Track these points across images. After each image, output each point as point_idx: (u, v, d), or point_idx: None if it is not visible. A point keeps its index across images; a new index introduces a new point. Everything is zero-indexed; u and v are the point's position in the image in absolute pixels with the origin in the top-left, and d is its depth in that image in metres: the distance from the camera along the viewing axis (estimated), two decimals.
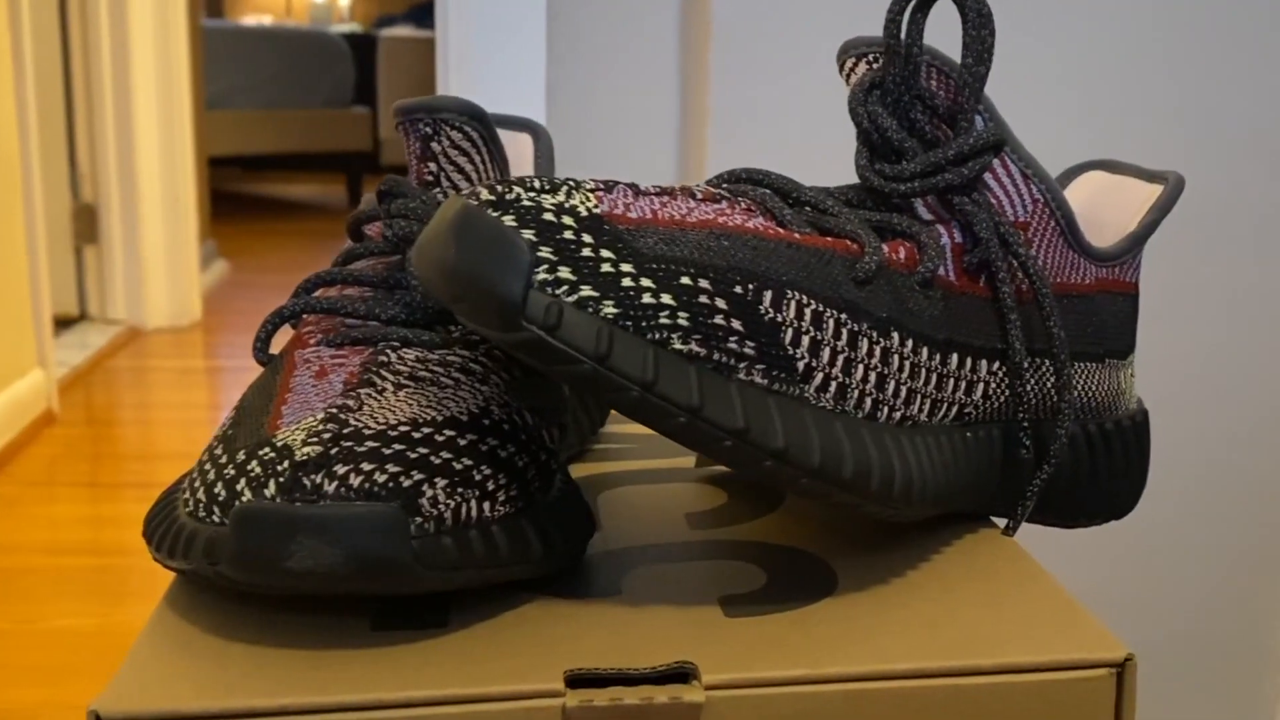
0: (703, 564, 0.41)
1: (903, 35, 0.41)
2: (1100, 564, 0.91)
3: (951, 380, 0.40)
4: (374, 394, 0.38)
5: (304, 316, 0.44)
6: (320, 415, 0.36)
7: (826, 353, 0.36)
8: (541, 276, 0.32)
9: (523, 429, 0.39)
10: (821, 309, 0.36)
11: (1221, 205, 0.87)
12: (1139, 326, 0.86)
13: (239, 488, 0.35)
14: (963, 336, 0.40)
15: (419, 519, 0.34)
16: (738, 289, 0.35)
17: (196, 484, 0.37)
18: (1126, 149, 0.85)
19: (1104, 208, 0.50)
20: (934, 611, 0.36)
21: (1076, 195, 0.52)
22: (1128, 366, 0.48)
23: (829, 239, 0.38)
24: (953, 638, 0.35)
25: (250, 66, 4.68)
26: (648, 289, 0.33)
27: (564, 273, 0.33)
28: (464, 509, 0.35)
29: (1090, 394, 0.45)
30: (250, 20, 6.20)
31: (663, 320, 0.33)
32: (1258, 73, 0.85)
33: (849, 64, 0.43)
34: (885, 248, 0.39)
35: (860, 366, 0.37)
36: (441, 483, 0.35)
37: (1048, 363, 0.43)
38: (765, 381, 0.35)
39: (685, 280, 0.34)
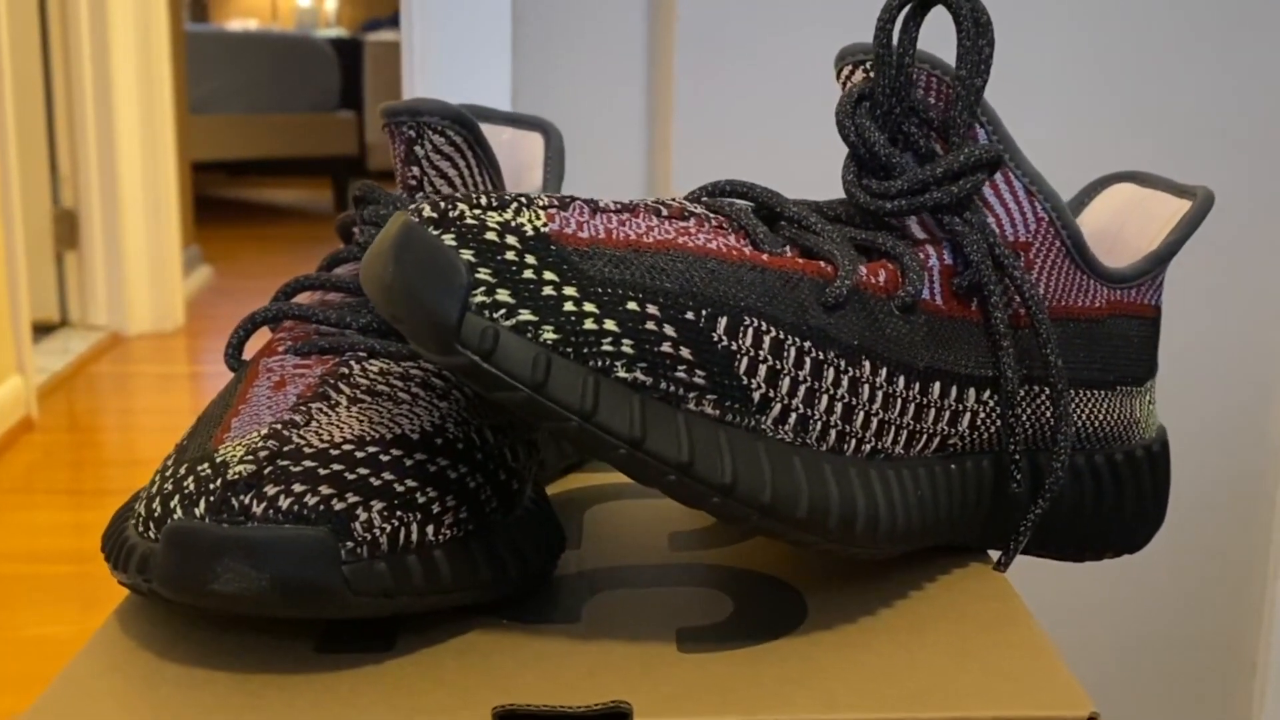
0: (672, 590, 0.40)
1: (894, 43, 0.39)
2: (1078, 565, 0.91)
3: (932, 410, 0.38)
4: (325, 409, 0.37)
5: (283, 321, 0.43)
6: (264, 431, 0.35)
7: (786, 383, 0.34)
8: (479, 299, 0.31)
9: (479, 448, 0.38)
10: (782, 336, 0.34)
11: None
12: None
13: (172, 504, 0.34)
14: (947, 364, 0.38)
15: (350, 543, 0.33)
16: (689, 315, 0.33)
17: (143, 497, 0.36)
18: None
19: (1128, 224, 0.47)
20: (896, 655, 0.35)
21: (1101, 209, 0.49)
22: (1144, 394, 0.45)
23: (800, 261, 0.36)
24: (909, 686, 0.33)
25: (236, 71, 4.67)
26: (590, 314, 0.32)
27: (502, 295, 0.32)
28: (402, 533, 0.34)
29: (1098, 423, 0.43)
30: (236, 25, 6.19)
31: (605, 347, 0.32)
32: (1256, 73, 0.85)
33: (845, 71, 0.41)
34: (864, 270, 0.37)
35: (825, 397, 0.35)
36: (378, 506, 0.34)
37: (1045, 391, 0.40)
38: (717, 413, 0.33)
39: (631, 306, 0.33)
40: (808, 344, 0.35)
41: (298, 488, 0.33)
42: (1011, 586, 0.40)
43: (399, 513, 0.34)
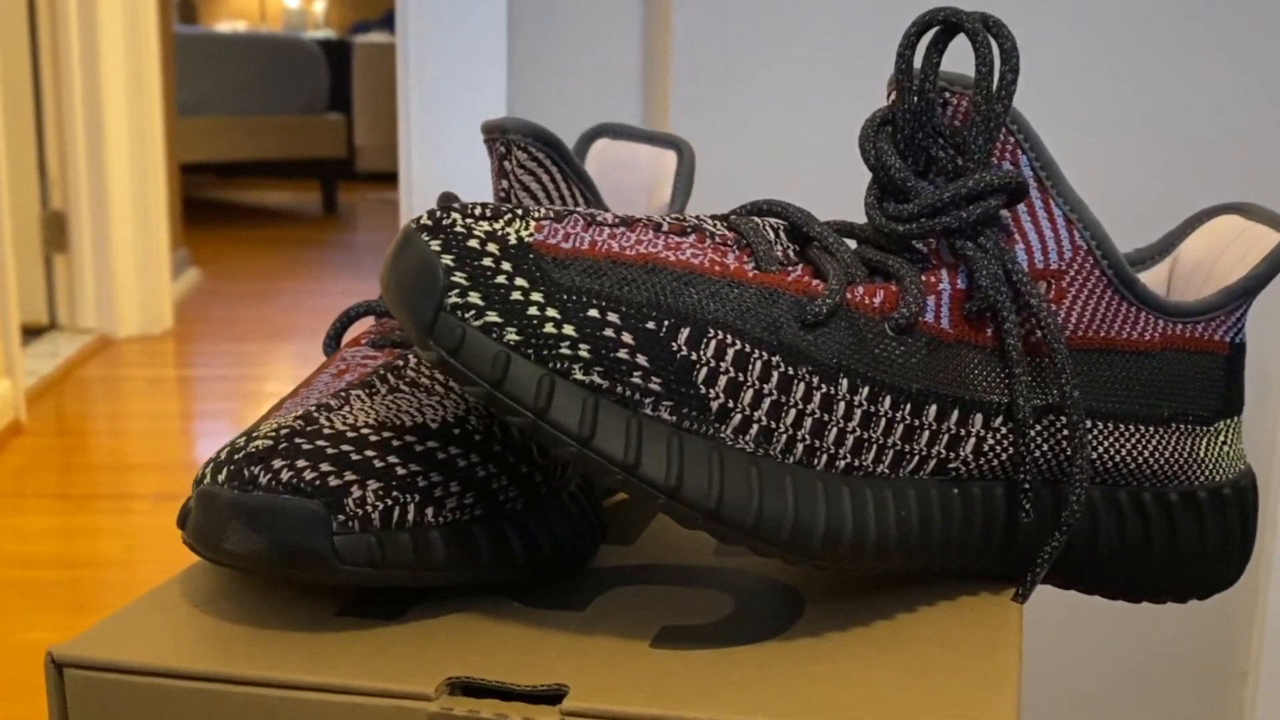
0: (684, 590, 0.41)
1: (915, 68, 0.39)
2: None
3: (926, 433, 0.38)
4: (363, 396, 0.40)
5: (384, 316, 0.48)
6: (299, 413, 0.39)
7: (749, 394, 0.36)
8: (452, 300, 0.34)
9: (500, 441, 0.40)
10: (749, 350, 0.36)
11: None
12: None
13: (208, 470, 0.38)
14: (948, 388, 0.38)
15: (342, 516, 0.36)
16: (650, 324, 0.35)
17: None
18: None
19: (1224, 256, 0.46)
20: (852, 670, 0.36)
21: (1201, 240, 0.47)
22: (1212, 434, 0.43)
23: (789, 279, 0.37)
24: (840, 699, 0.34)
25: (224, 73, 4.65)
26: (551, 319, 0.34)
27: (473, 298, 0.34)
28: (396, 511, 0.37)
29: (1143, 460, 0.42)
30: (224, 26, 6.17)
31: (563, 350, 0.34)
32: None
33: (891, 97, 0.41)
34: (861, 290, 0.38)
35: (791, 411, 0.36)
36: (374, 485, 0.37)
37: (1062, 421, 0.40)
38: (674, 419, 0.35)
39: (592, 313, 0.35)
40: (776, 359, 0.36)
41: (300, 463, 0.37)
42: (1017, 619, 0.40)
43: (394, 493, 0.37)
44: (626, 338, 0.35)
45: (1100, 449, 0.41)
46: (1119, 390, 0.41)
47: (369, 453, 0.37)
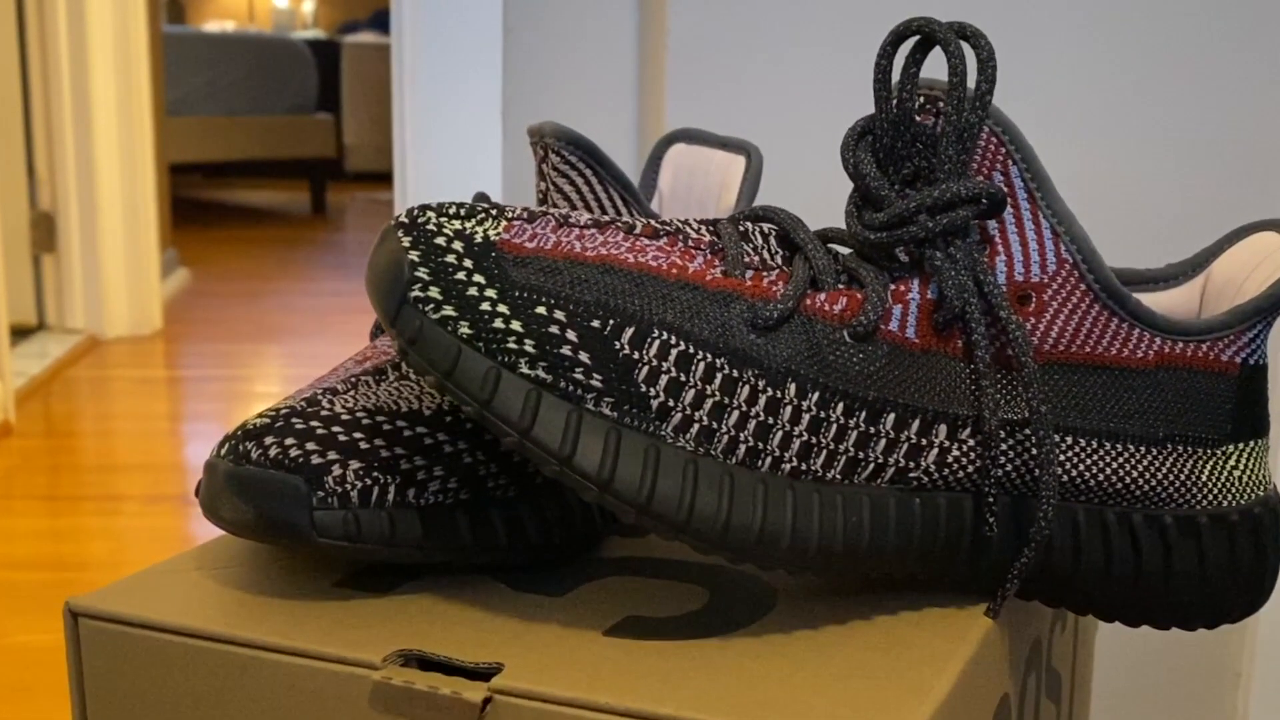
0: (669, 584, 0.42)
1: (894, 79, 0.39)
2: None
3: (882, 441, 0.38)
4: (370, 382, 0.43)
5: None
6: (309, 395, 0.42)
7: (690, 394, 0.37)
8: (415, 294, 0.36)
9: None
10: (693, 351, 0.37)
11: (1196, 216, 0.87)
12: None
13: (218, 443, 0.41)
14: (909, 398, 0.38)
15: (322, 493, 0.38)
16: (595, 323, 0.36)
17: None
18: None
19: (1255, 275, 0.44)
20: (782, 669, 0.36)
21: (1234, 257, 0.45)
22: (1219, 458, 0.42)
23: (749, 284, 0.38)
24: (752, 697, 0.34)
25: (213, 73, 4.64)
26: (501, 314, 0.36)
27: (434, 292, 0.36)
28: (375, 490, 0.39)
29: (1131, 479, 0.41)
30: (213, 26, 6.16)
31: (510, 345, 0.36)
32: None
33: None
34: (823, 296, 0.38)
35: (734, 413, 0.37)
36: (356, 465, 0.39)
37: (1030, 435, 0.39)
38: (615, 414, 0.36)
39: (540, 310, 0.36)
40: (720, 360, 0.37)
41: (289, 441, 0.39)
42: (979, 634, 0.39)
43: (375, 473, 0.39)
44: (571, 335, 0.36)
45: (1081, 466, 0.40)
46: (1106, 407, 0.40)
47: (357, 435, 0.40)
